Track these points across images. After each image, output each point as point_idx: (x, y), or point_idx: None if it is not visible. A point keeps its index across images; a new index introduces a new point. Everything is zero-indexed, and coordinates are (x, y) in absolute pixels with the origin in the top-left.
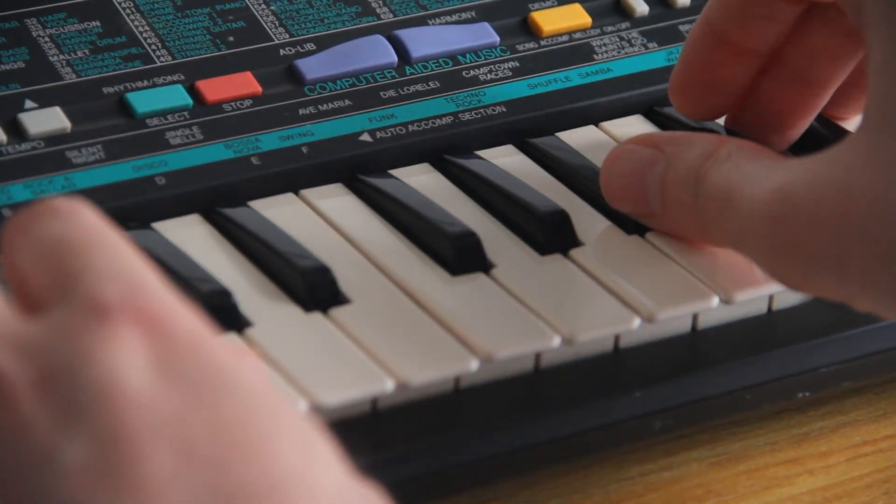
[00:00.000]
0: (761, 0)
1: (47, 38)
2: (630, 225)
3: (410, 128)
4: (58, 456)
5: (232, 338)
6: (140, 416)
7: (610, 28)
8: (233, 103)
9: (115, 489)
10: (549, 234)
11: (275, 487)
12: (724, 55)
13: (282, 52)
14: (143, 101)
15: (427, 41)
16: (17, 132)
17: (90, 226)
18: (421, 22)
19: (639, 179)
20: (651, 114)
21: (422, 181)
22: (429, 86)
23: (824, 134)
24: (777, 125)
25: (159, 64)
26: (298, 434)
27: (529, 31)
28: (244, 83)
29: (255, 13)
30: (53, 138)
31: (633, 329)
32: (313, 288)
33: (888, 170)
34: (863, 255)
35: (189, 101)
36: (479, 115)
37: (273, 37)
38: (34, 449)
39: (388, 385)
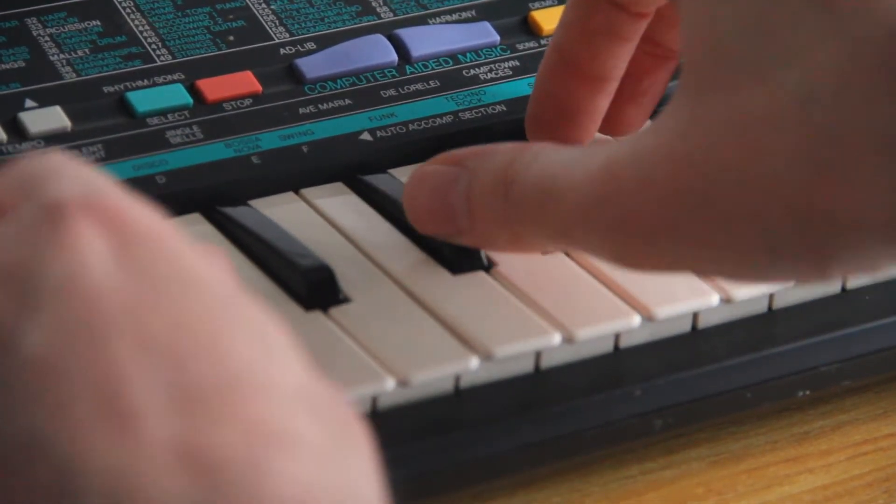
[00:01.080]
0: (603, 17)
1: (47, 38)
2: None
3: (411, 127)
4: (16, 344)
5: None
6: (99, 306)
7: None
8: (233, 102)
9: (73, 375)
10: None
11: (231, 383)
12: (575, 82)
13: (282, 51)
14: (144, 100)
15: (427, 40)
16: (18, 131)
17: (58, 157)
18: (421, 21)
19: (442, 199)
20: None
21: None
22: (429, 85)
23: None
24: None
25: (159, 63)
26: (258, 331)
27: (530, 30)
28: (244, 82)
29: (256, 12)
30: (54, 137)
31: (634, 327)
32: (313, 287)
33: (710, 128)
34: (697, 219)
35: (189, 100)
36: (480, 115)
37: (273, 36)
38: None
39: (389, 384)
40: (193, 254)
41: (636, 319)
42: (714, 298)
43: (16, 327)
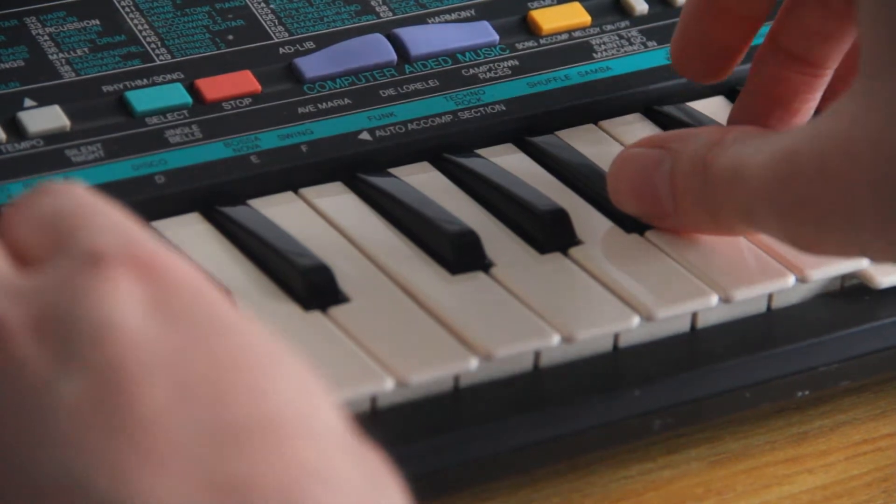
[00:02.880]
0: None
1: (47, 37)
2: (629, 223)
3: (410, 126)
4: (53, 392)
5: None
6: (136, 353)
7: (609, 27)
8: (232, 102)
9: (110, 423)
10: (549, 233)
11: (271, 422)
12: (719, 20)
13: (281, 50)
14: (143, 99)
15: (426, 40)
16: (17, 131)
17: (84, 196)
18: (420, 20)
19: (647, 180)
20: (650, 112)
21: (421, 180)
22: (428, 84)
23: None
24: (780, 111)
25: (159, 62)
26: (296, 374)
27: (529, 29)
28: (243, 82)
29: (255, 12)
30: (53, 137)
31: (633, 328)
32: (312, 286)
33: (889, 111)
34: (873, 202)
35: (188, 99)
36: (479, 114)
37: (272, 35)
38: (30, 387)
39: (388, 383)
40: (229, 303)
41: (635, 319)
42: (713, 298)
43: (52, 378)
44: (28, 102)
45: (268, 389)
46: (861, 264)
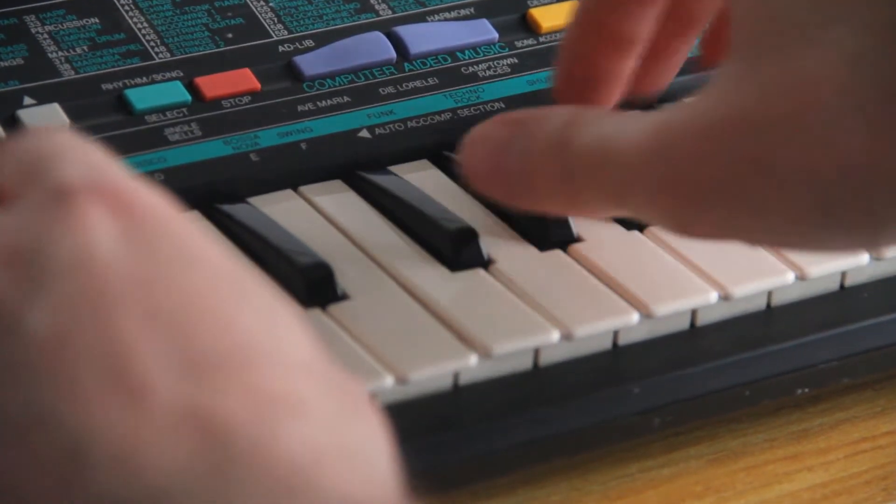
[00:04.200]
0: None
1: (46, 35)
2: (629, 221)
3: (409, 124)
4: (24, 323)
5: None
6: (106, 283)
7: None
8: (231, 100)
9: (79, 355)
10: (549, 230)
11: (238, 352)
12: (602, 45)
13: (280, 48)
14: (142, 97)
15: (426, 38)
16: (16, 128)
17: (61, 136)
18: (420, 18)
19: (499, 160)
20: (649, 110)
21: (421, 177)
22: (427, 82)
23: None
24: (644, 68)
25: (158, 60)
26: (265, 305)
27: (528, 27)
28: (243, 80)
29: (254, 10)
30: None
31: (632, 325)
32: (312, 284)
33: (762, 89)
34: (747, 182)
35: (188, 97)
36: (478, 112)
37: (272, 33)
38: (0, 319)
39: (387, 381)
40: (199, 233)
41: (635, 316)
42: (712, 295)
43: (22, 308)
44: (27, 100)
45: (235, 320)
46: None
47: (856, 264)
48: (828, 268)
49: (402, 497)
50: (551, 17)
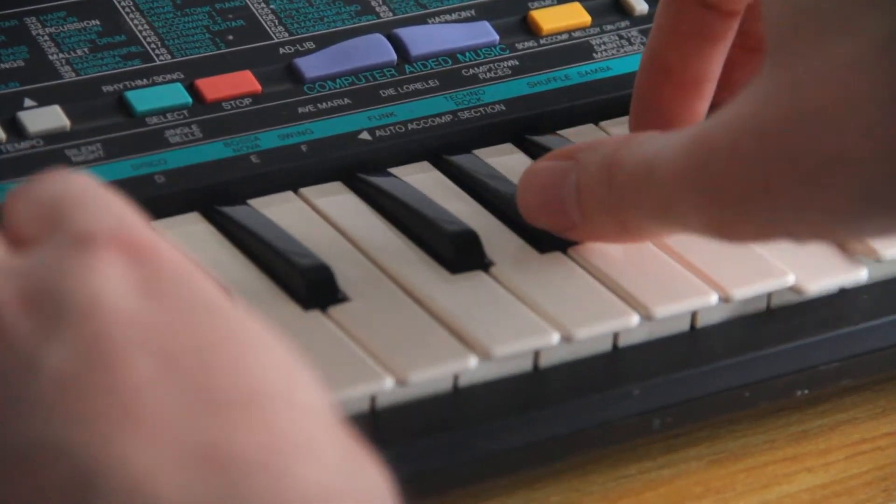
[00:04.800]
0: (692, 18)
1: (47, 37)
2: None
3: (410, 126)
4: (38, 361)
5: None
6: (121, 327)
7: (609, 27)
8: (232, 102)
9: (94, 390)
10: (548, 232)
11: (253, 397)
12: (671, 88)
13: (281, 50)
14: (143, 99)
15: (426, 40)
16: (17, 131)
17: (83, 183)
18: (420, 21)
19: (555, 192)
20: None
21: (421, 179)
22: (428, 84)
23: None
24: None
25: (159, 62)
26: (280, 354)
27: (529, 29)
28: (243, 82)
29: (255, 12)
30: (53, 137)
31: (632, 327)
32: (312, 286)
33: (796, 84)
34: (787, 179)
35: (188, 99)
36: (479, 114)
37: (272, 35)
38: (15, 356)
39: (387, 383)
40: (214, 285)
41: (635, 318)
42: (712, 297)
43: (38, 347)
44: (28, 102)
45: (250, 364)
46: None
47: (855, 280)
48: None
49: None
50: (552, 19)
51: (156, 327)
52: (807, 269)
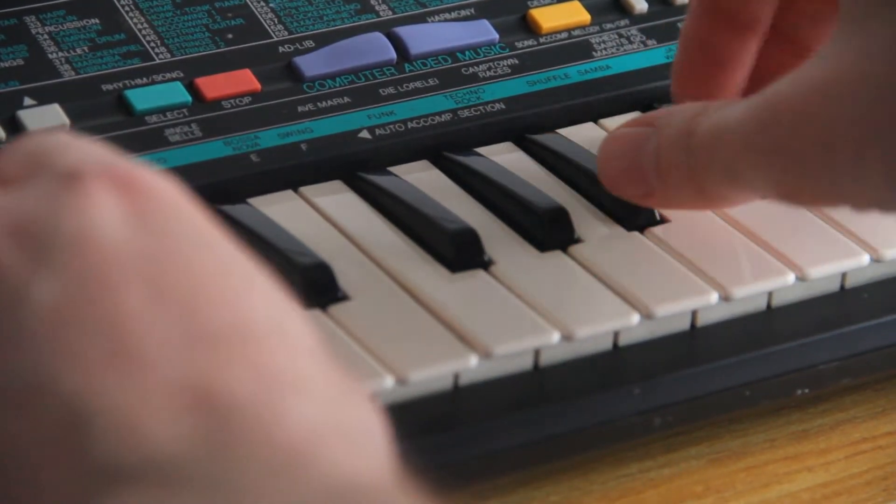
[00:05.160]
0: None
1: (46, 36)
2: (629, 222)
3: (410, 125)
4: (28, 295)
5: None
6: (112, 260)
7: (609, 25)
8: (232, 100)
9: (83, 324)
10: (549, 231)
11: (243, 330)
12: (723, 29)
13: (281, 49)
14: (142, 98)
15: (426, 38)
16: (17, 129)
17: (65, 135)
18: (420, 19)
19: (634, 158)
20: (650, 111)
21: (421, 178)
22: (428, 83)
23: None
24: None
25: (158, 61)
26: (269, 289)
27: (528, 28)
28: (243, 80)
29: (254, 10)
30: None
31: (633, 325)
32: (312, 285)
33: (864, 51)
34: (851, 141)
35: (188, 98)
36: (479, 112)
37: (272, 34)
38: (5, 290)
39: (387, 382)
40: (207, 218)
41: (635, 317)
42: (713, 296)
43: (29, 281)
44: (28, 101)
45: (240, 300)
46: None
47: (857, 265)
48: (828, 269)
49: (399, 480)
50: (551, 18)
51: (147, 259)
52: (807, 261)
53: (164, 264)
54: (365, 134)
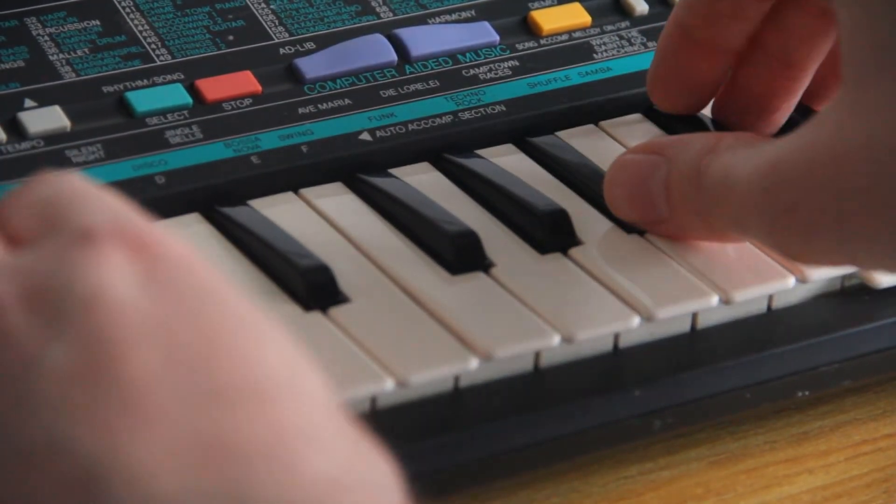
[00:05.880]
0: (729, 2)
1: (47, 37)
2: (629, 224)
3: (410, 127)
4: (42, 359)
5: None
6: (124, 321)
7: (610, 27)
8: (232, 102)
9: (97, 386)
10: (549, 233)
11: (259, 387)
12: (696, 54)
13: (281, 51)
14: (143, 100)
15: (427, 40)
16: (17, 131)
17: (78, 182)
18: (421, 21)
19: (643, 187)
20: (651, 112)
21: (421, 180)
22: (428, 85)
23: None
24: (760, 110)
25: (159, 63)
26: (282, 345)
27: (529, 30)
28: (244, 82)
29: (255, 12)
30: (53, 137)
31: (633, 328)
32: (313, 287)
33: (872, 116)
34: (859, 208)
35: (189, 99)
36: (479, 114)
37: (273, 36)
38: (19, 355)
39: (388, 384)
40: (219, 276)
41: (635, 320)
42: (713, 299)
43: (42, 345)
44: (28, 103)
45: (253, 356)
46: None
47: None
48: (829, 271)
49: None
50: (552, 20)
51: (158, 320)
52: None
53: (176, 324)
54: (365, 136)
